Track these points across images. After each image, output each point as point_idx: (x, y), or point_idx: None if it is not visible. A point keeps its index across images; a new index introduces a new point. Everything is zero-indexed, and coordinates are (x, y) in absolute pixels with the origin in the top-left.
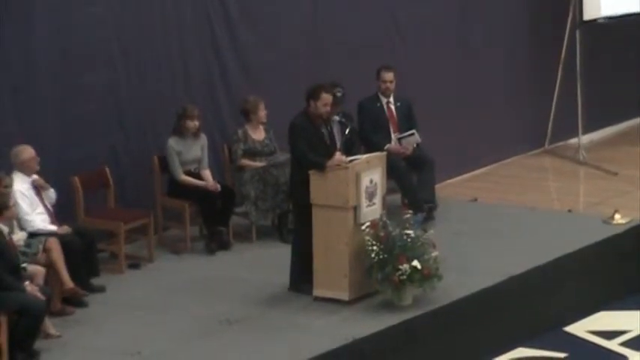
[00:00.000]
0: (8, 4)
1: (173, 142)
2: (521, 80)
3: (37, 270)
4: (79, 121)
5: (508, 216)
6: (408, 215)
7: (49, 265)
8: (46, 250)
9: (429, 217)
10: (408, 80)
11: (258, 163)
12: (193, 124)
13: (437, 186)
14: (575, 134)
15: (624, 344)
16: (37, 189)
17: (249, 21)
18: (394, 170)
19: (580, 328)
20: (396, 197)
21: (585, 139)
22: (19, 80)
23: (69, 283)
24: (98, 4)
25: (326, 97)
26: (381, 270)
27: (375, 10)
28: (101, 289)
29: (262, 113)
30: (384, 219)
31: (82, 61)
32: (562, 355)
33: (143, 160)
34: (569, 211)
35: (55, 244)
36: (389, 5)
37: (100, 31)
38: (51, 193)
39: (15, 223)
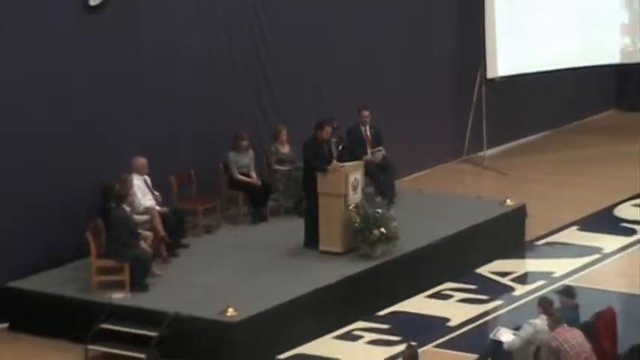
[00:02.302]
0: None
1: (232, 155)
2: (447, 114)
3: (147, 234)
4: (174, 140)
5: (440, 200)
6: (378, 200)
7: (153, 229)
8: (151, 221)
9: (391, 202)
10: (381, 112)
11: (285, 168)
12: (245, 143)
13: (396, 181)
14: (482, 149)
15: (512, 280)
16: (147, 184)
17: (280, 79)
18: (369, 172)
19: (485, 270)
20: (371, 189)
21: (489, 152)
22: (138, 109)
23: (162, 232)
24: (184, 59)
25: (327, 128)
26: (361, 234)
27: (359, 66)
28: (187, 246)
29: (284, 136)
30: (363, 202)
31: (178, 101)
32: (473, 287)
33: (213, 165)
34: (478, 197)
35: (157, 217)
36: (369, 65)
37: (185, 82)
38: (157, 196)
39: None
